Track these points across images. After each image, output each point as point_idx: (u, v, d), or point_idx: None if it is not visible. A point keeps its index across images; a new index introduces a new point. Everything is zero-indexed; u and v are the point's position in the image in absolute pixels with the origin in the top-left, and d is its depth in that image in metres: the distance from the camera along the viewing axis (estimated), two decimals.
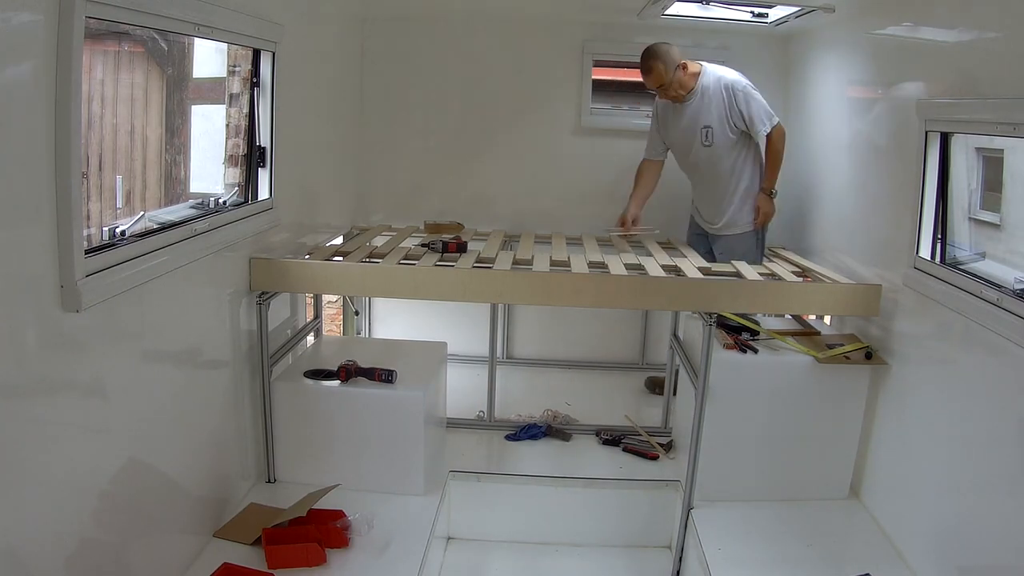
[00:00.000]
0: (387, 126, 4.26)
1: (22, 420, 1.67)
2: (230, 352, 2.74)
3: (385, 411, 2.97)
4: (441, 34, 4.17)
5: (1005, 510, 2.16)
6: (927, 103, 2.62)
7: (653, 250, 3.64)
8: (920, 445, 2.65)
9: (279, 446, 3.01)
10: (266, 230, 2.93)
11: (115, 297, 1.93)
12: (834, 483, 3.07)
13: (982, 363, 2.34)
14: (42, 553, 1.74)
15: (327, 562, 2.50)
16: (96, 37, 2.30)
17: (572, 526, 3.29)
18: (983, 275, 2.38)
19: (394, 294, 3.17)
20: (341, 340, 4.37)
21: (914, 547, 2.62)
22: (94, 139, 2.42)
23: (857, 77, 3.36)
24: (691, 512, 2.98)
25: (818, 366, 2.93)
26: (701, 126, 3.51)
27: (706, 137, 3.51)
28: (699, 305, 2.95)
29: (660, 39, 4.08)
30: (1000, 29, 2.30)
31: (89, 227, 2.13)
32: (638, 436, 3.56)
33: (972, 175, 2.60)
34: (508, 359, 4.43)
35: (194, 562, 2.46)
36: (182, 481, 2.43)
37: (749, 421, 3.01)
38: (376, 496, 2.89)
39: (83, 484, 1.90)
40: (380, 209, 4.30)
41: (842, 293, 2.98)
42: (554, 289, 2.92)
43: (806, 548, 2.76)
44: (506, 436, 3.58)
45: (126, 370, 2.07)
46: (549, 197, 4.30)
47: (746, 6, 3.70)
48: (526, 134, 4.29)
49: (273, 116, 2.89)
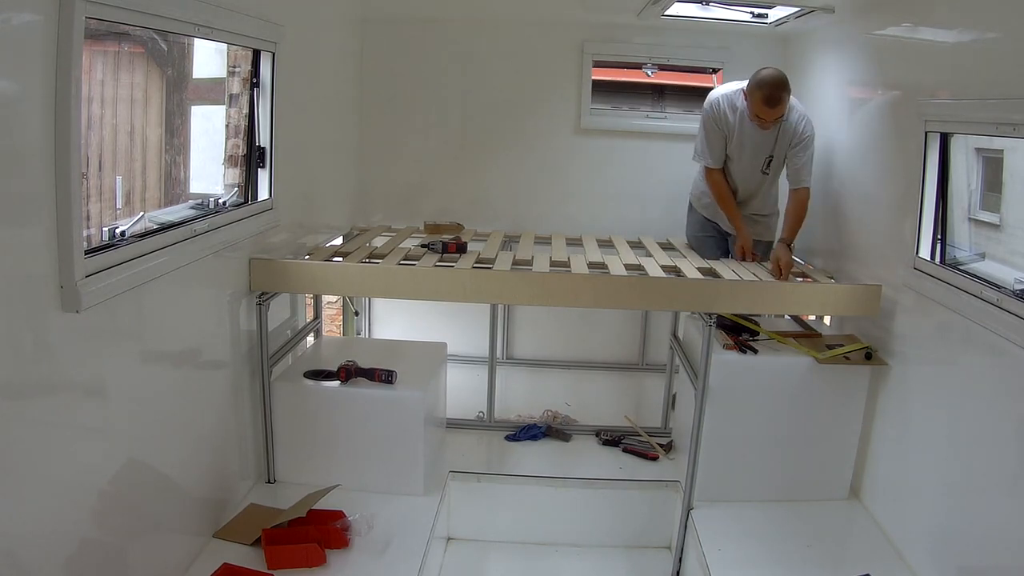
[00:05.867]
0: (387, 126, 4.26)
1: (22, 420, 1.67)
2: (230, 352, 2.74)
3: (385, 411, 2.97)
4: (441, 34, 4.17)
5: (1005, 510, 2.16)
6: (927, 103, 2.62)
7: (653, 250, 3.64)
8: (920, 445, 2.65)
9: (279, 446, 3.01)
10: (266, 230, 2.93)
11: (115, 297, 1.93)
12: (834, 483, 3.07)
13: (982, 363, 2.34)
14: (42, 553, 1.74)
15: (327, 562, 2.50)
16: (96, 37, 2.30)
17: (572, 526, 3.29)
18: (983, 275, 2.38)
19: (394, 294, 3.16)
20: (341, 340, 4.36)
21: (914, 547, 2.62)
22: (94, 139, 2.42)
23: (857, 77, 3.36)
24: (691, 512, 2.98)
25: (818, 366, 2.92)
26: (766, 154, 3.44)
27: (767, 165, 3.46)
28: (699, 305, 2.95)
29: (659, 39, 4.13)
30: (1000, 29, 2.30)
31: (89, 227, 2.13)
32: (638, 436, 3.56)
33: (972, 175, 2.60)
34: (508, 359, 4.43)
35: (194, 562, 2.46)
36: (182, 481, 2.43)
37: (749, 421, 3.01)
38: (376, 496, 2.89)
39: (83, 484, 1.90)
40: (380, 209, 4.30)
41: (842, 293, 2.98)
42: (554, 289, 2.92)
43: (806, 548, 2.76)
44: (506, 436, 3.58)
45: (126, 370, 2.07)
46: (549, 197, 4.30)
47: (746, 6, 3.70)
48: (526, 134, 4.29)
49: (273, 116, 2.89)
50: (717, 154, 3.49)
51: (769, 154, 3.43)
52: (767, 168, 3.46)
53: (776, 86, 3.18)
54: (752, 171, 3.49)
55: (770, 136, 3.38)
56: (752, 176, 3.50)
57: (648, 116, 4.37)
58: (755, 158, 3.45)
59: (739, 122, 3.40)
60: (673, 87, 4.71)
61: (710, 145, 3.49)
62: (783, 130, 3.35)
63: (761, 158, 3.44)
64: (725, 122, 3.43)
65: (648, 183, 4.21)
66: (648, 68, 4.26)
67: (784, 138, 3.36)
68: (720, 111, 3.42)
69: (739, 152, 3.46)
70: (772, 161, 3.44)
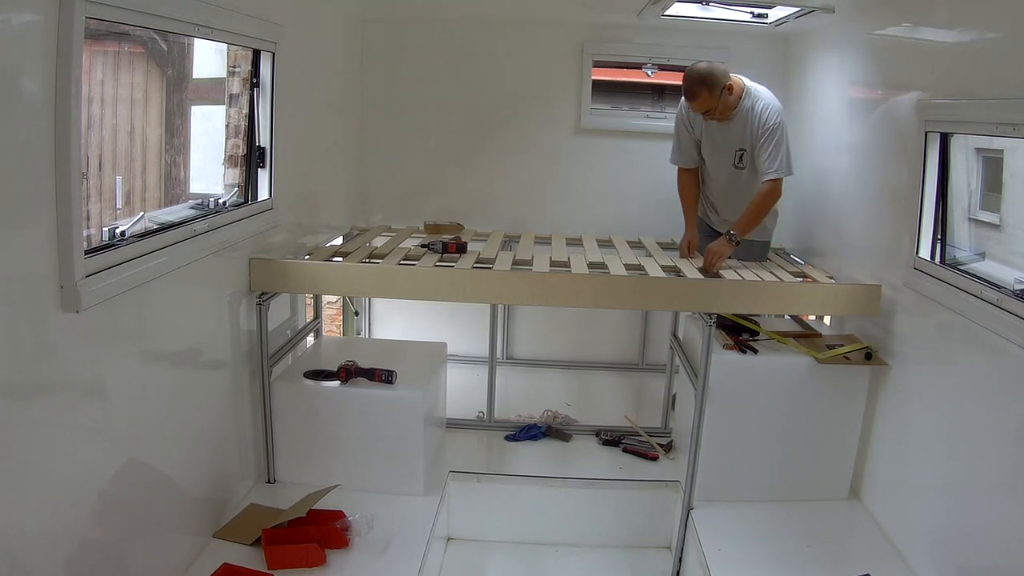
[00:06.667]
0: (387, 126, 4.26)
1: (22, 420, 1.67)
2: (230, 352, 2.74)
3: (385, 411, 2.97)
4: (441, 34, 4.17)
5: (1005, 510, 2.16)
6: (927, 103, 2.62)
7: (653, 250, 3.64)
8: (920, 445, 2.65)
9: (279, 446, 3.01)
10: (266, 230, 2.93)
11: (115, 297, 1.93)
12: (834, 483, 3.07)
13: (982, 363, 2.34)
14: (42, 553, 1.75)
15: (327, 562, 2.50)
16: (96, 37, 2.30)
17: (572, 526, 3.29)
18: (983, 275, 2.38)
19: (394, 294, 3.17)
20: (341, 340, 4.36)
21: (914, 547, 2.62)
22: (94, 140, 2.42)
23: (857, 77, 3.36)
24: (691, 512, 2.98)
25: (818, 366, 2.92)
26: (736, 148, 3.39)
27: (739, 160, 3.40)
28: (699, 305, 2.95)
29: (659, 39, 4.13)
30: (999, 29, 2.30)
31: (89, 227, 2.13)
32: (638, 436, 3.56)
33: (972, 175, 2.60)
34: (508, 359, 4.43)
35: (194, 562, 2.46)
36: (182, 481, 2.43)
37: (749, 421, 3.01)
38: (376, 496, 2.89)
39: (83, 484, 1.90)
40: (380, 209, 4.30)
41: (842, 293, 2.98)
42: (554, 289, 2.92)
43: (806, 548, 2.76)
44: (506, 436, 3.58)
45: (126, 370, 2.07)
46: (549, 197, 4.31)
47: (746, 6, 3.70)
48: (526, 134, 4.29)
49: (273, 116, 2.89)
50: (684, 155, 3.55)
51: (739, 147, 3.39)
52: (740, 162, 3.42)
53: (690, 79, 3.21)
54: (726, 167, 3.47)
55: (736, 129, 3.35)
56: (727, 172, 3.48)
57: (648, 116, 4.37)
58: (725, 153, 3.43)
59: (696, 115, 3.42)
60: (673, 87, 4.68)
61: (677, 145, 3.56)
62: (749, 121, 3.30)
63: (731, 152, 3.41)
64: (693, 121, 3.47)
65: (648, 183, 4.20)
66: (648, 68, 4.26)
67: (749, 129, 3.32)
68: (688, 110, 3.44)
69: (711, 150, 3.48)
70: (744, 154, 3.39)
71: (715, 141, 3.44)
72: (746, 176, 3.44)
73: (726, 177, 3.50)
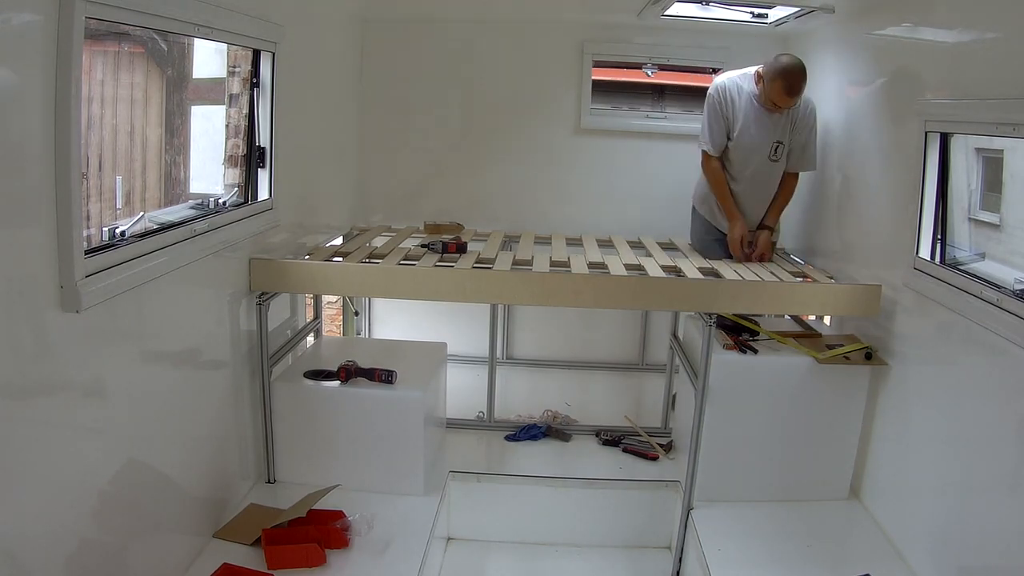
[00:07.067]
0: (387, 126, 4.26)
1: (22, 420, 1.67)
2: (230, 353, 2.74)
3: (385, 411, 2.97)
4: (441, 34, 4.17)
5: (1005, 510, 2.16)
6: (927, 103, 2.62)
7: (653, 250, 3.64)
8: (920, 445, 2.65)
9: (279, 446, 3.01)
10: (266, 230, 2.93)
11: (115, 298, 1.93)
12: (834, 483, 3.07)
13: (982, 363, 2.34)
14: (42, 553, 1.74)
15: (327, 562, 2.50)
16: (96, 37, 2.30)
17: (572, 526, 3.29)
18: (983, 275, 2.38)
19: (394, 294, 3.17)
20: (341, 340, 4.36)
21: (914, 547, 2.62)
22: (94, 140, 2.42)
23: (857, 77, 3.36)
24: (691, 512, 2.98)
25: (818, 366, 2.92)
26: (775, 140, 3.39)
27: (775, 152, 3.41)
28: (699, 305, 2.95)
29: (659, 39, 4.13)
30: (999, 29, 2.30)
31: (89, 227, 2.13)
32: (638, 436, 3.56)
33: (972, 175, 2.60)
34: (508, 359, 4.43)
35: (194, 562, 2.46)
36: (182, 481, 2.43)
37: (749, 421, 3.01)
38: (376, 496, 2.89)
39: (83, 484, 1.90)
40: (380, 209, 4.30)
41: (842, 293, 2.98)
42: (554, 289, 2.92)
43: (806, 548, 2.76)
44: (506, 436, 3.58)
45: (126, 371, 2.07)
46: (549, 197, 4.30)
47: (746, 6, 3.70)
48: (526, 134, 4.29)
49: (273, 117, 2.89)
50: (717, 140, 3.44)
51: (778, 139, 3.39)
52: (775, 155, 3.41)
53: (800, 76, 3.21)
54: (759, 159, 3.43)
55: (779, 121, 3.36)
56: (759, 164, 3.44)
57: (648, 116, 4.37)
58: (762, 143, 3.40)
59: (747, 105, 3.37)
60: (673, 87, 4.70)
61: (711, 130, 3.45)
62: (792, 113, 3.35)
63: (769, 144, 3.40)
64: (731, 107, 3.40)
65: (648, 183, 4.21)
66: (648, 68, 4.26)
67: (791, 121, 3.38)
68: (726, 95, 3.39)
69: (745, 141, 3.41)
70: (780, 147, 3.40)
71: (751, 133, 3.40)
72: (776, 169, 3.47)
73: (755, 169, 3.46)
